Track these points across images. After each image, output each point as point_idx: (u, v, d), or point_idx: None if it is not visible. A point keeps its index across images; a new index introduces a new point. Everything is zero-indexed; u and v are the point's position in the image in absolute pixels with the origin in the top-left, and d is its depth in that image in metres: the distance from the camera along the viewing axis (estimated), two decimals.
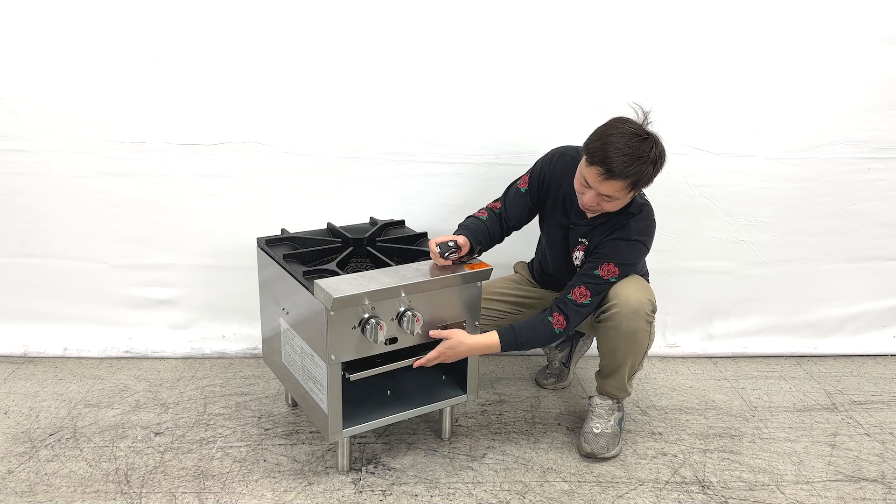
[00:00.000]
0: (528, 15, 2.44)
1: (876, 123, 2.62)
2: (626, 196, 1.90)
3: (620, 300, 1.97)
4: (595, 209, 1.96)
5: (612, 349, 2.05)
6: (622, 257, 1.98)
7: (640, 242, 2.00)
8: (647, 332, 2.02)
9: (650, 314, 2.00)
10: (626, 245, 1.98)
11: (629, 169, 1.82)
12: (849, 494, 1.96)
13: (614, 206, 1.93)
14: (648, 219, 2.02)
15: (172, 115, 2.49)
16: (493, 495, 1.91)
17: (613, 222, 2.00)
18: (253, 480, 1.95)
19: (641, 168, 1.83)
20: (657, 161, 1.87)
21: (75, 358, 2.65)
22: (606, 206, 1.92)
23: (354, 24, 2.43)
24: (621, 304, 1.96)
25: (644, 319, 1.98)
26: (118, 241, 2.62)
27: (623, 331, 1.99)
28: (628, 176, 1.83)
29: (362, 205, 2.58)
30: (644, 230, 2.01)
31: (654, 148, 1.86)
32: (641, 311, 1.97)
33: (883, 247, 2.79)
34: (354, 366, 1.87)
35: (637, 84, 2.51)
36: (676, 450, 2.15)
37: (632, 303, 1.96)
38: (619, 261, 1.98)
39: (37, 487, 1.90)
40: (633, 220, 1.99)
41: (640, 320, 1.98)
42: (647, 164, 1.84)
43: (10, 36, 2.39)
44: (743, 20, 2.49)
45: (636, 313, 1.96)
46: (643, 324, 1.99)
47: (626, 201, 1.94)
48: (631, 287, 1.99)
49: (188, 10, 2.39)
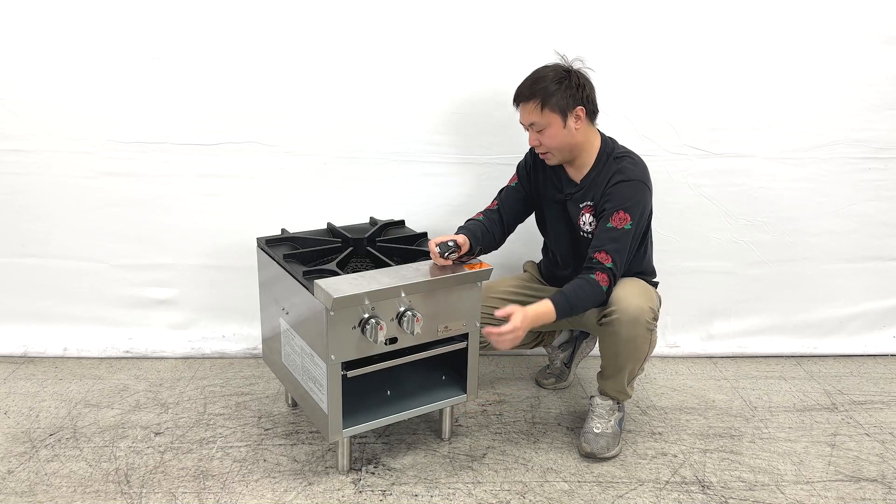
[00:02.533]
0: (528, 15, 2.44)
1: (876, 123, 2.62)
2: (551, 120, 2.00)
3: (621, 307, 1.97)
4: (539, 148, 2.08)
5: (612, 353, 2.05)
6: (626, 198, 1.99)
7: (639, 181, 2.03)
8: (648, 340, 2.02)
9: (650, 322, 1.99)
10: (626, 185, 2.01)
11: (531, 88, 2.00)
12: (849, 494, 1.96)
13: (550, 137, 2.02)
14: (638, 161, 2.08)
15: (172, 115, 2.49)
16: (493, 495, 1.91)
17: (605, 172, 2.05)
18: (253, 480, 1.95)
19: (544, 85, 1.99)
20: (563, 80, 1.99)
21: (75, 358, 2.65)
22: (545, 139, 2.04)
23: (354, 24, 2.43)
24: (621, 311, 1.97)
25: (644, 327, 1.98)
26: (118, 241, 2.62)
27: (623, 337, 1.99)
28: (533, 95, 2.00)
29: (362, 205, 2.58)
30: (639, 172, 2.05)
31: (560, 70, 2.02)
32: (641, 318, 1.97)
33: (883, 247, 2.79)
34: (354, 366, 1.87)
35: (637, 84, 2.52)
36: (676, 450, 2.15)
37: (632, 310, 1.96)
38: (625, 204, 1.99)
39: (37, 487, 1.90)
40: (624, 163, 2.04)
41: (639, 328, 1.98)
42: (550, 82, 1.99)
43: (10, 36, 2.40)
44: (743, 20, 2.49)
45: (636, 321, 1.96)
46: (643, 331, 1.99)
47: (559, 129, 2.01)
48: (632, 294, 1.99)
49: (188, 10, 2.39)
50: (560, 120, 2.01)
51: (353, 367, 1.86)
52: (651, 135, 2.56)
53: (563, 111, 2.00)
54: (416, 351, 1.95)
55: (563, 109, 2.00)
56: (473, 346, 2.04)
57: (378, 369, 1.91)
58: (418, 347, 1.95)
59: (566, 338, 2.53)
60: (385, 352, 1.89)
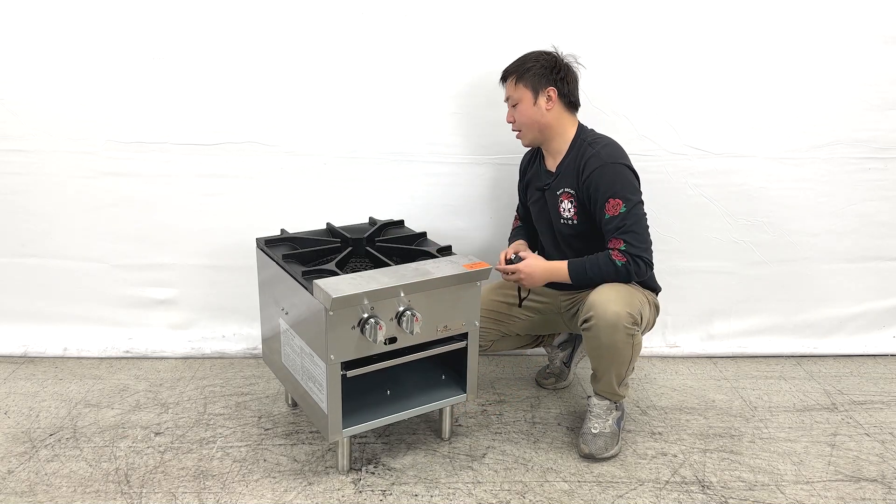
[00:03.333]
0: (528, 15, 2.44)
1: (876, 123, 2.62)
2: (523, 95, 2.11)
3: (597, 312, 1.96)
4: (513, 126, 2.19)
5: (596, 356, 2.05)
6: (610, 183, 2.02)
7: (618, 164, 2.05)
8: (630, 344, 1.99)
9: (629, 326, 1.96)
10: (605, 170, 2.03)
11: (512, 65, 2.16)
12: (849, 494, 1.96)
13: (520, 112, 2.14)
14: (611, 143, 2.13)
15: (172, 115, 2.49)
16: (493, 495, 1.91)
17: (578, 158, 2.10)
18: (253, 480, 1.95)
19: (523, 61, 2.13)
20: (542, 60, 2.11)
21: (75, 358, 2.65)
22: (517, 115, 2.15)
23: (354, 24, 2.43)
24: (598, 317, 1.96)
25: (623, 332, 1.96)
26: (118, 241, 2.62)
27: (603, 343, 1.98)
28: (511, 70, 2.15)
29: (362, 205, 2.58)
30: (613, 153, 2.08)
31: (543, 53, 2.14)
32: (619, 324, 1.95)
33: (883, 247, 2.79)
34: (354, 366, 1.87)
35: (637, 84, 2.52)
36: (676, 450, 2.15)
37: (608, 316, 1.94)
38: (611, 190, 2.02)
39: (37, 487, 1.90)
40: (597, 148, 2.08)
41: (618, 334, 1.96)
42: (529, 60, 2.13)
43: (10, 36, 2.40)
44: (743, 20, 2.49)
45: (613, 327, 1.95)
46: (622, 336, 1.96)
47: (529, 105, 2.11)
48: (610, 300, 1.96)
49: (188, 11, 2.39)
50: (531, 96, 2.11)
51: (352, 367, 1.86)
52: (651, 135, 2.56)
53: (534, 88, 2.11)
54: (416, 351, 1.95)
55: (535, 87, 2.11)
56: (473, 345, 2.03)
57: (377, 369, 1.91)
58: (418, 347, 1.95)
59: (565, 337, 2.53)
60: (384, 351, 1.89)
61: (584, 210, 2.11)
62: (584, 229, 2.13)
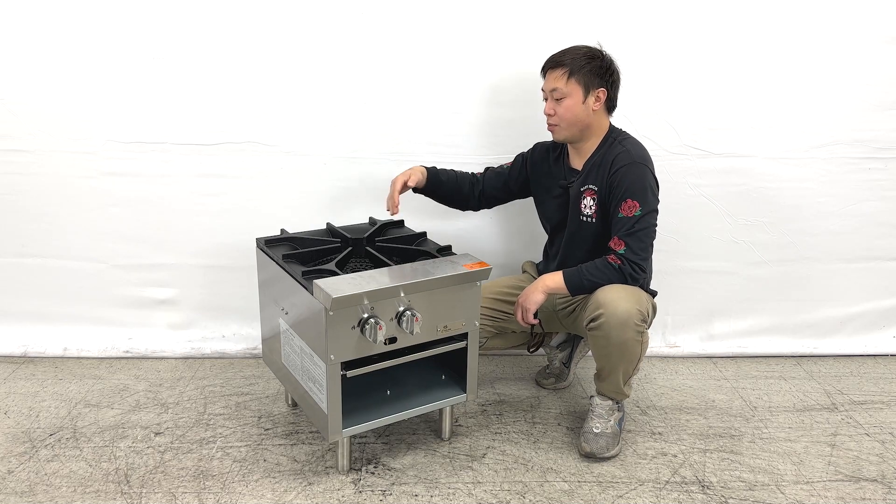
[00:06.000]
0: (527, 17, 2.44)
1: (876, 123, 2.62)
2: (573, 91, 2.05)
3: (608, 310, 1.96)
4: (552, 119, 2.11)
5: (604, 355, 2.05)
6: (633, 183, 2.03)
7: (642, 164, 2.06)
8: (639, 342, 2.00)
9: (639, 324, 1.97)
10: (633, 168, 2.04)
11: (563, 56, 2.07)
12: (849, 494, 1.96)
13: (566, 108, 2.07)
14: (637, 144, 2.13)
15: (172, 115, 2.49)
16: (493, 495, 1.91)
17: (608, 155, 2.09)
18: (253, 480, 1.95)
19: (575, 56, 2.05)
20: (596, 59, 2.06)
21: (75, 358, 2.65)
22: (560, 110, 2.08)
23: (354, 25, 2.43)
24: (609, 315, 1.96)
25: (633, 330, 1.97)
26: (118, 241, 2.62)
27: (613, 340, 1.98)
28: (563, 63, 2.05)
29: (361, 205, 2.58)
30: (641, 155, 2.09)
31: (594, 50, 2.09)
32: (629, 321, 1.95)
33: (883, 247, 2.79)
34: (354, 366, 1.87)
35: (637, 84, 2.51)
36: (676, 450, 2.15)
37: (619, 314, 1.95)
38: (631, 190, 2.03)
39: (37, 487, 1.90)
40: (625, 144, 2.09)
41: (628, 331, 1.96)
42: (583, 56, 2.06)
43: (10, 36, 2.40)
44: (743, 20, 2.49)
45: (624, 324, 1.96)
46: (632, 334, 1.97)
47: (578, 102, 2.06)
48: (620, 297, 1.98)
49: (188, 11, 2.39)
50: (581, 94, 2.06)
51: (352, 367, 1.86)
52: (651, 135, 2.55)
53: (586, 86, 2.06)
54: (416, 351, 1.95)
55: (587, 85, 2.06)
56: (473, 345, 2.03)
57: (377, 369, 1.91)
58: (418, 347, 1.95)
59: (563, 338, 2.53)
60: (384, 351, 1.89)
61: (603, 209, 2.11)
62: (599, 230, 2.13)
